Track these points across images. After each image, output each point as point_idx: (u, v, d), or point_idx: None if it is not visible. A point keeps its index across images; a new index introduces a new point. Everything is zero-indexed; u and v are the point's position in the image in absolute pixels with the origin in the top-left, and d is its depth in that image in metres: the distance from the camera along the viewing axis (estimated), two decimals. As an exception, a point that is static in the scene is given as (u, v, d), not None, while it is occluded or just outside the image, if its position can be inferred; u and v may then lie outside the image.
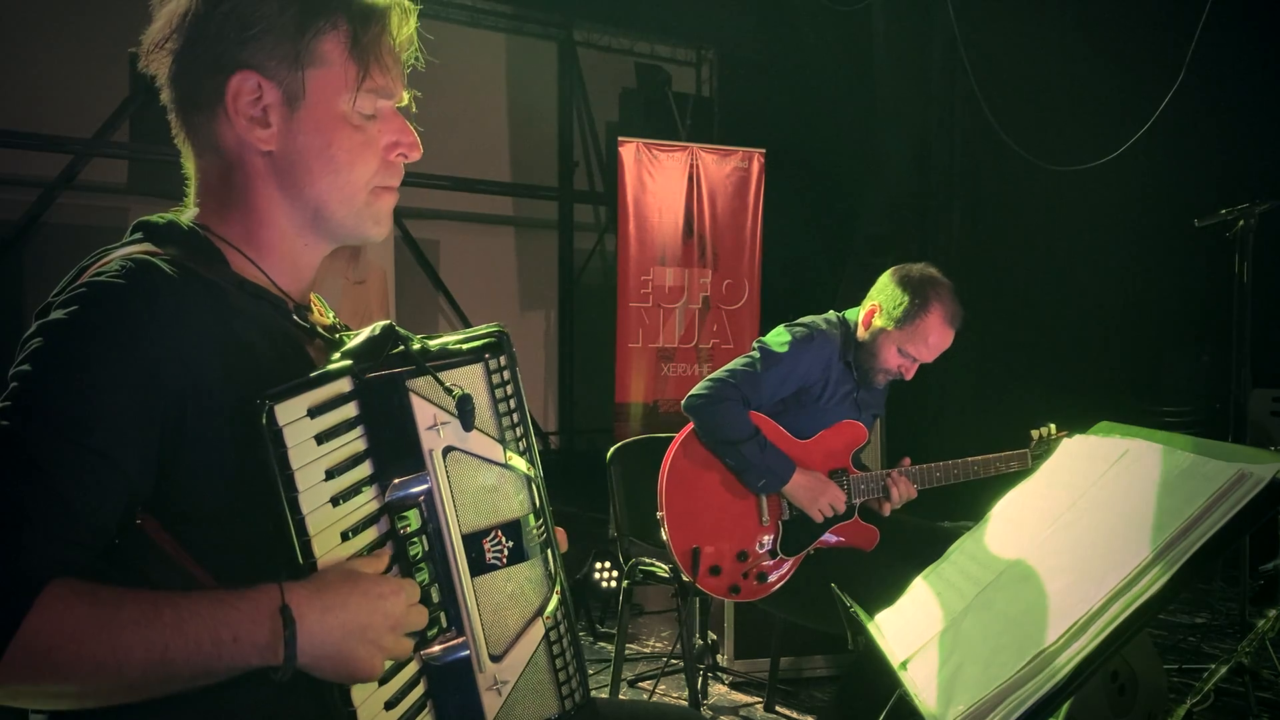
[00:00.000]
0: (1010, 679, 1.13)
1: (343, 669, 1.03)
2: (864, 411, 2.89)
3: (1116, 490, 1.35)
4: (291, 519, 1.02)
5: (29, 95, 6.26)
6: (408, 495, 1.11)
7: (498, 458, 1.18)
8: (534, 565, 1.20)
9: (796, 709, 3.32)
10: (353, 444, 1.08)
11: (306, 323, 1.20)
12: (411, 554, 1.12)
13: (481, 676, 1.16)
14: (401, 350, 1.12)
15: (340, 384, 1.07)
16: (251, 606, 0.97)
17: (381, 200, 1.22)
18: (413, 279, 7.98)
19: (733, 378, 2.70)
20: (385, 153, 1.20)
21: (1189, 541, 1.12)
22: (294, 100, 1.13)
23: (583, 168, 9.03)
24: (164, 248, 1.11)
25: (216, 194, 1.17)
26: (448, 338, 1.19)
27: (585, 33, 8.92)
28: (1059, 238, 6.11)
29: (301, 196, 1.16)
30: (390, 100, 1.20)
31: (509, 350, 1.18)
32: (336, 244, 1.24)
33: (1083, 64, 5.83)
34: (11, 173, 6.45)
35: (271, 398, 1.02)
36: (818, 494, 2.68)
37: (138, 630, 0.92)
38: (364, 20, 1.15)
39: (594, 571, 4.22)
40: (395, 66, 1.19)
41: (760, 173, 6.33)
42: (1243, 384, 3.38)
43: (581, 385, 8.94)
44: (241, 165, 1.15)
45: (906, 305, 2.70)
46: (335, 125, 1.15)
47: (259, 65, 1.11)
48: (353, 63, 1.14)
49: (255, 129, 1.13)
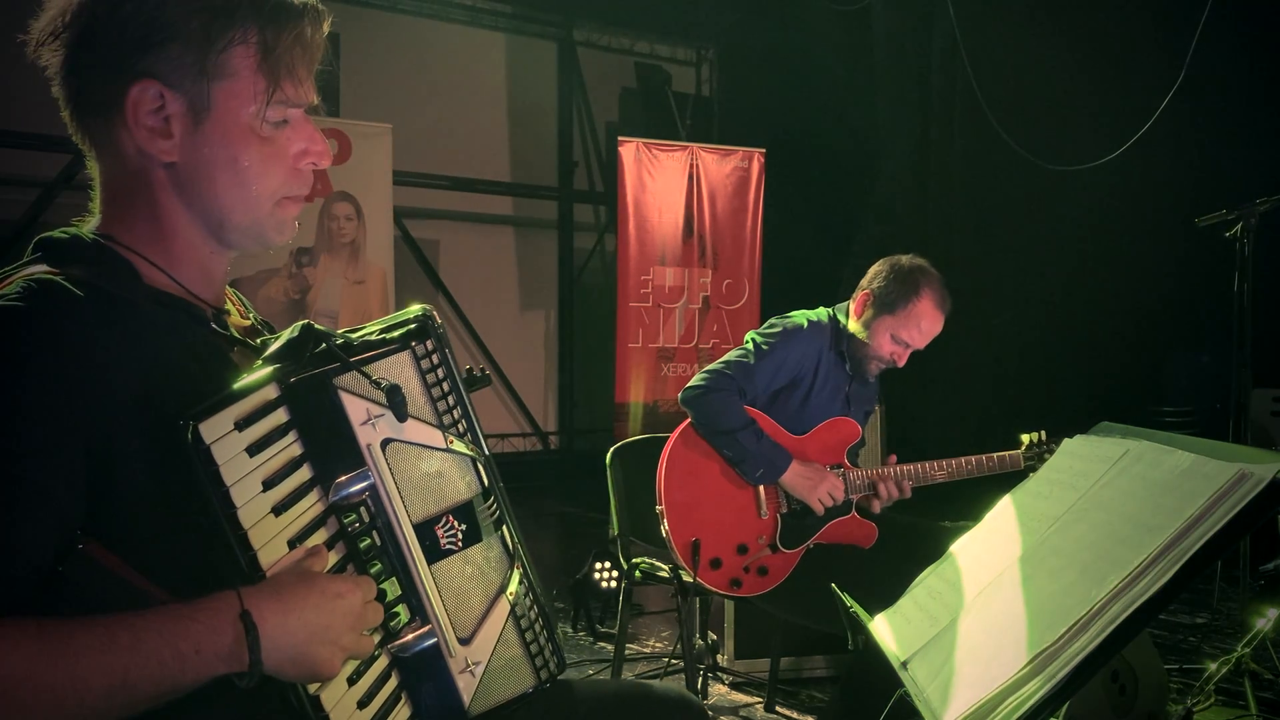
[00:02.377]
0: (1010, 679, 1.13)
1: (306, 670, 1.02)
2: (855, 408, 2.91)
3: (1116, 490, 1.35)
4: (234, 535, 1.00)
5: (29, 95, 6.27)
6: (351, 493, 1.10)
7: (438, 443, 1.17)
8: (490, 545, 1.21)
9: (796, 709, 3.32)
10: (288, 450, 1.06)
11: (225, 329, 1.17)
12: (364, 550, 1.11)
13: (453, 661, 1.17)
14: (324, 348, 1.09)
15: (265, 392, 1.04)
16: (210, 616, 0.96)
17: (286, 210, 1.17)
18: (413, 279, 7.98)
19: (728, 369, 2.74)
20: (294, 161, 1.15)
21: (1189, 541, 1.12)
22: (199, 112, 1.08)
23: (583, 167, 9.03)
24: (68, 266, 1.05)
25: (120, 200, 1.12)
26: (371, 327, 1.17)
27: (585, 33, 8.93)
28: (1059, 238, 6.11)
29: (205, 208, 1.12)
30: (300, 107, 1.14)
31: (435, 333, 1.15)
32: (238, 251, 1.19)
33: (1083, 64, 5.83)
34: (11, 173, 6.45)
35: (194, 416, 0.99)
36: (816, 483, 2.70)
37: (93, 656, 0.90)
38: (275, 31, 1.09)
39: (594, 571, 4.22)
40: (307, 75, 1.14)
41: (760, 172, 6.34)
42: (1243, 384, 3.38)
43: (581, 385, 8.95)
44: (143, 174, 1.10)
45: (899, 292, 2.75)
46: (242, 137, 1.10)
47: (161, 74, 1.06)
48: (262, 76, 1.09)
49: (156, 140, 1.08)
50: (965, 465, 2.78)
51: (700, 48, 9.21)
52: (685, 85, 9.15)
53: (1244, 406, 3.39)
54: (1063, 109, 5.88)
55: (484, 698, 1.20)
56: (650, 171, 6.16)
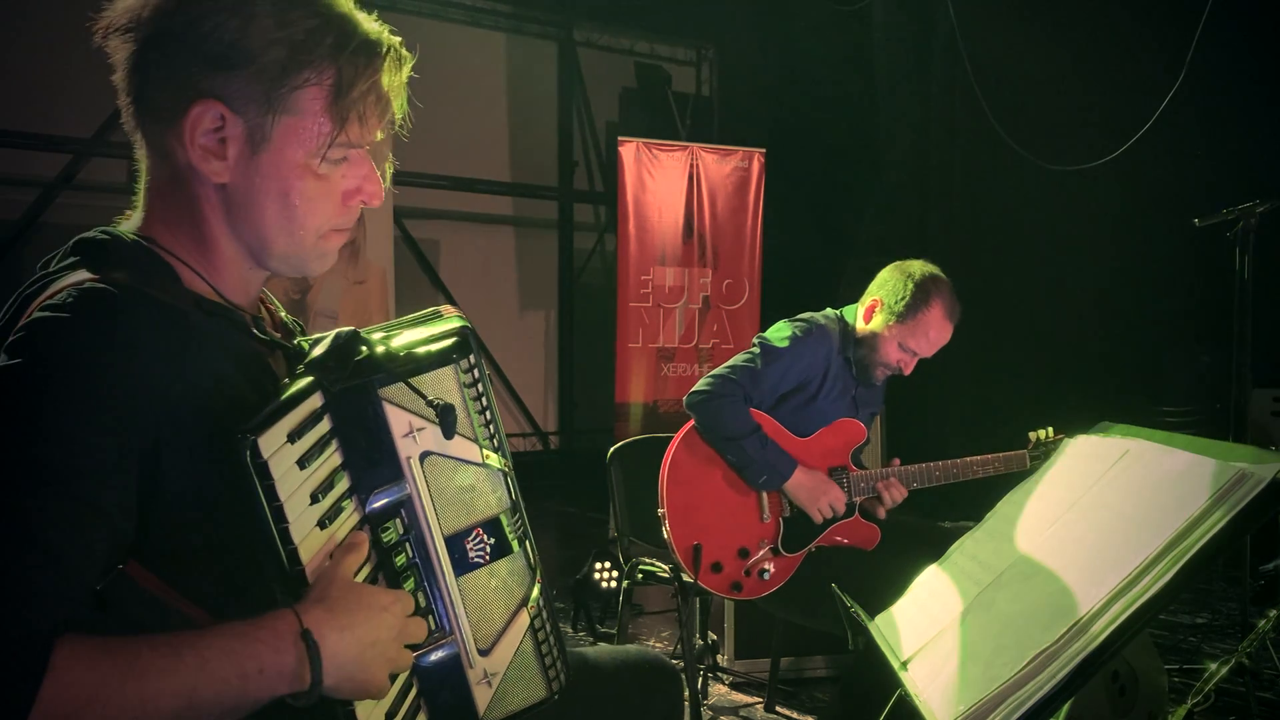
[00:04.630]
0: (1010, 679, 1.13)
1: (359, 687, 1.01)
2: (861, 410, 2.90)
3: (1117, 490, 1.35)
4: (284, 549, 0.99)
5: (29, 95, 6.26)
6: (387, 505, 1.10)
7: (475, 457, 1.18)
8: (515, 558, 1.21)
9: (796, 709, 3.32)
10: (330, 460, 1.06)
11: (265, 335, 1.16)
12: (396, 563, 1.11)
13: (472, 672, 1.17)
14: (367, 356, 1.08)
15: (312, 400, 1.04)
16: (271, 635, 0.95)
17: (330, 241, 1.15)
18: (413, 279, 7.98)
19: (734, 374, 2.71)
20: (345, 199, 1.13)
21: (1189, 541, 1.12)
22: (257, 142, 1.05)
23: (583, 167, 9.03)
24: (109, 270, 1.02)
25: (165, 202, 1.10)
26: (409, 334, 1.16)
27: (585, 32, 8.92)
28: (1059, 238, 6.11)
29: (249, 233, 1.10)
30: (362, 147, 1.13)
31: (475, 348, 1.16)
32: (274, 275, 1.18)
33: (1083, 64, 5.83)
34: (11, 173, 6.45)
35: (252, 430, 0.96)
36: (818, 494, 2.69)
37: (161, 678, 0.88)
38: (352, 75, 1.07)
39: (594, 571, 4.21)
40: (378, 121, 1.12)
41: (760, 172, 6.33)
42: (1243, 384, 3.37)
43: (581, 385, 8.95)
44: (190, 186, 1.08)
45: (909, 300, 2.73)
46: (296, 173, 1.08)
47: (227, 97, 1.03)
48: (329, 118, 1.07)
49: (210, 159, 1.05)
50: (969, 466, 2.77)
51: (700, 48, 9.21)
52: (685, 85, 9.15)
53: (1243, 406, 3.39)
54: (1063, 109, 5.88)
55: (498, 708, 1.20)
56: (650, 171, 6.16)
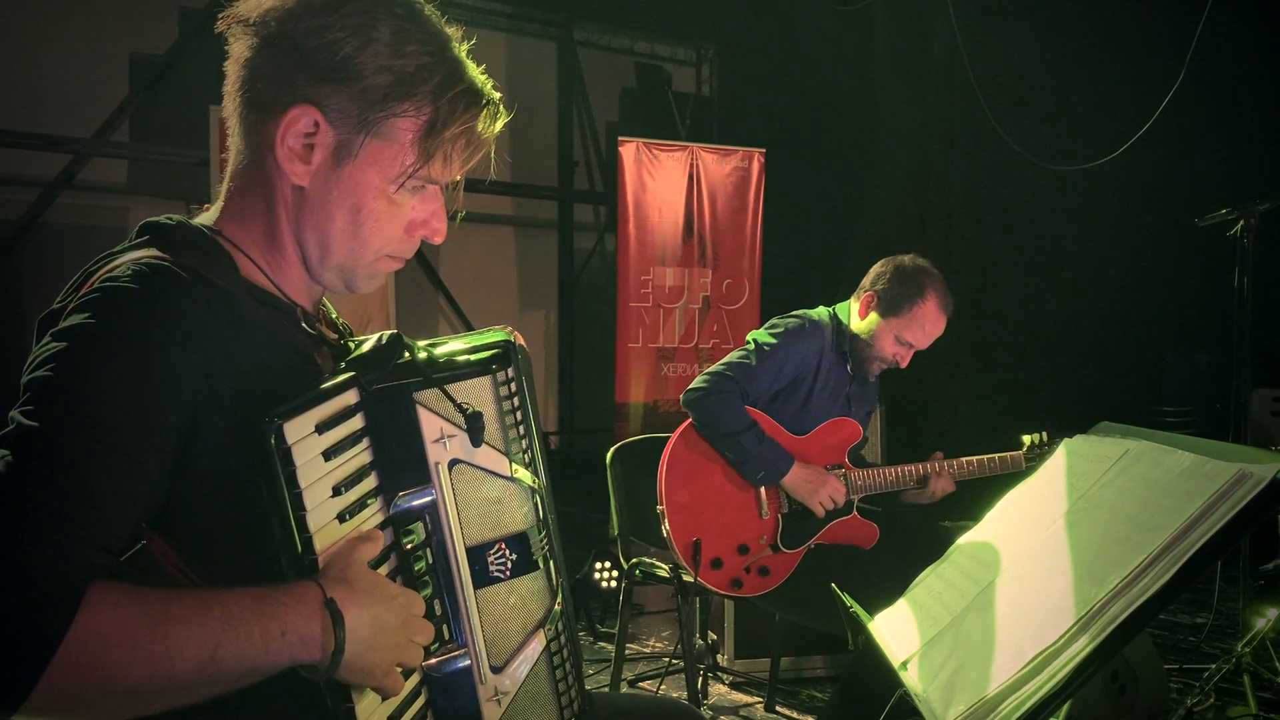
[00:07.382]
0: (1010, 679, 1.13)
1: (366, 669, 1.02)
2: (855, 408, 2.92)
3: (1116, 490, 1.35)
4: (299, 536, 1.01)
5: (29, 95, 6.27)
6: (412, 508, 1.10)
7: (504, 471, 1.17)
8: (537, 577, 1.20)
9: (796, 709, 3.32)
10: (358, 457, 1.07)
11: (314, 330, 1.18)
12: (415, 568, 1.11)
13: (482, 688, 1.16)
14: (408, 360, 1.10)
15: (347, 396, 1.05)
16: (297, 601, 0.96)
17: (383, 265, 1.19)
18: (413, 279, 7.98)
19: (730, 371, 2.74)
20: (410, 228, 1.17)
21: (1189, 541, 1.12)
22: (343, 156, 1.09)
23: (583, 167, 9.03)
24: (172, 252, 1.07)
25: (243, 192, 1.14)
26: (453, 344, 1.17)
27: (585, 32, 8.92)
28: (1059, 238, 6.11)
29: (313, 237, 1.14)
30: (440, 184, 1.16)
31: (517, 360, 1.17)
32: (321, 284, 1.20)
33: (1083, 64, 5.83)
34: (11, 173, 6.45)
35: (280, 415, 0.99)
36: (817, 486, 2.70)
37: (189, 627, 0.90)
38: (448, 117, 1.11)
39: (594, 571, 4.22)
40: (461, 162, 1.16)
41: (760, 172, 6.33)
42: (1243, 384, 3.38)
43: (581, 385, 8.95)
44: (270, 182, 1.12)
45: (903, 293, 2.76)
46: (372, 193, 1.12)
47: (325, 108, 1.08)
48: (415, 151, 1.11)
49: (295, 161, 1.09)
50: (966, 466, 2.79)
51: (700, 48, 9.21)
52: (685, 85, 9.15)
53: (1244, 406, 3.39)
54: (1063, 109, 5.88)
55: None
56: (650, 171, 6.16)
